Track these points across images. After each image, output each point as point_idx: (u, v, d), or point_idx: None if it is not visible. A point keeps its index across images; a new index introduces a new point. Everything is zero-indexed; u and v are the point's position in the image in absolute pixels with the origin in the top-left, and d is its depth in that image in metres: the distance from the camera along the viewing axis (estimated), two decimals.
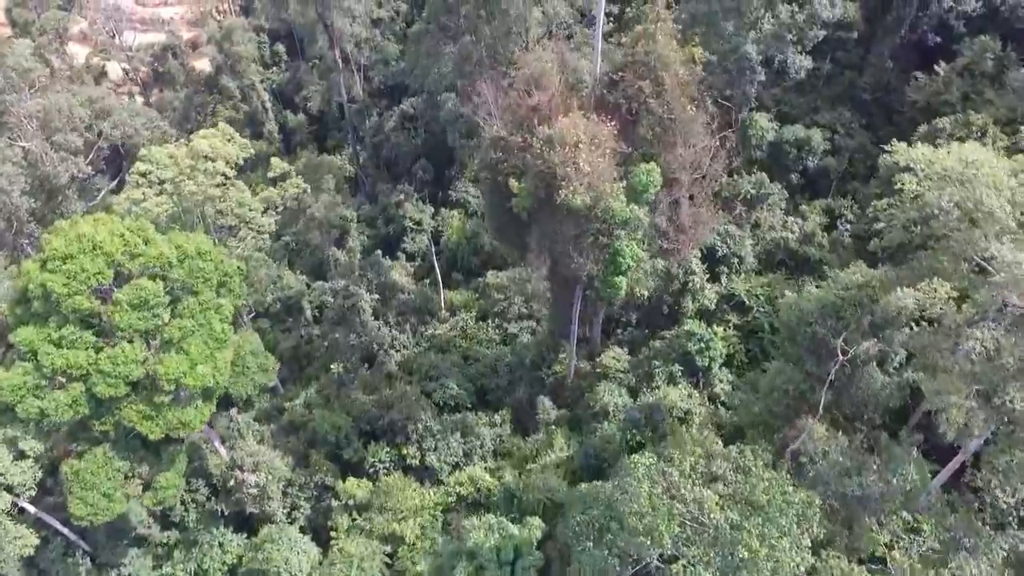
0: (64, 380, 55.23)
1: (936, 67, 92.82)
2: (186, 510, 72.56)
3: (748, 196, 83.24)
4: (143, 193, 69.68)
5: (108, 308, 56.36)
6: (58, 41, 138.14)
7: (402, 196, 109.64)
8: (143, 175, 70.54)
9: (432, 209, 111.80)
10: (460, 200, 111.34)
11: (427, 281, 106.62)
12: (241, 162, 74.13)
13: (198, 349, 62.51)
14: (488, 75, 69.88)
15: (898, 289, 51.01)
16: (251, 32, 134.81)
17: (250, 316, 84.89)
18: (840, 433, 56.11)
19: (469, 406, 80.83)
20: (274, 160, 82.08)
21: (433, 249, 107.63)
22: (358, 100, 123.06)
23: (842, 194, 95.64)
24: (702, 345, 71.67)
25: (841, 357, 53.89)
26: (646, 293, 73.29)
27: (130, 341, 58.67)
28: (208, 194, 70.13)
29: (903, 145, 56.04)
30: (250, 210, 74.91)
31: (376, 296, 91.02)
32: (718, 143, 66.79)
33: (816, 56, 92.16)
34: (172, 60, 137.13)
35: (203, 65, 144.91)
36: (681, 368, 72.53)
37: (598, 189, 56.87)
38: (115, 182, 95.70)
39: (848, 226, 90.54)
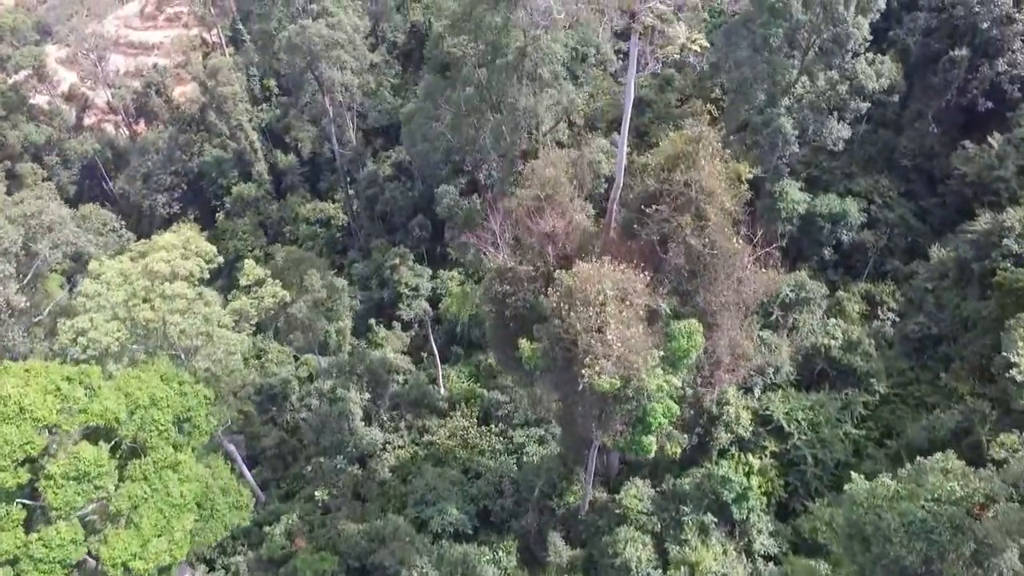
0: None
1: (989, 138, 79.71)
2: None
3: (787, 299, 70.22)
4: (90, 320, 56.82)
5: (41, 480, 45.07)
6: (36, 77, 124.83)
7: (397, 260, 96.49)
8: (91, 297, 57.66)
9: (430, 271, 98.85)
10: (460, 259, 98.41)
11: (424, 354, 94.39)
12: (207, 276, 61.16)
13: (151, 520, 50.88)
14: (492, 187, 56.91)
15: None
16: (238, 72, 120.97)
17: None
18: None
19: (470, 531, 68.38)
20: (247, 264, 69.21)
21: (431, 317, 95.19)
22: (351, 146, 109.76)
23: (881, 274, 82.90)
24: (738, 493, 59.21)
25: None
26: (678, 451, 60.56)
27: (67, 518, 47.09)
28: (167, 320, 57.23)
29: None
30: (219, 325, 62.06)
31: (367, 395, 78.04)
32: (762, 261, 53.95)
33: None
34: (155, 97, 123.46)
35: (193, 89, 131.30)
36: (715, 519, 60.03)
37: (629, 365, 44.02)
38: (67, 292, 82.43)
39: (891, 315, 77.80)
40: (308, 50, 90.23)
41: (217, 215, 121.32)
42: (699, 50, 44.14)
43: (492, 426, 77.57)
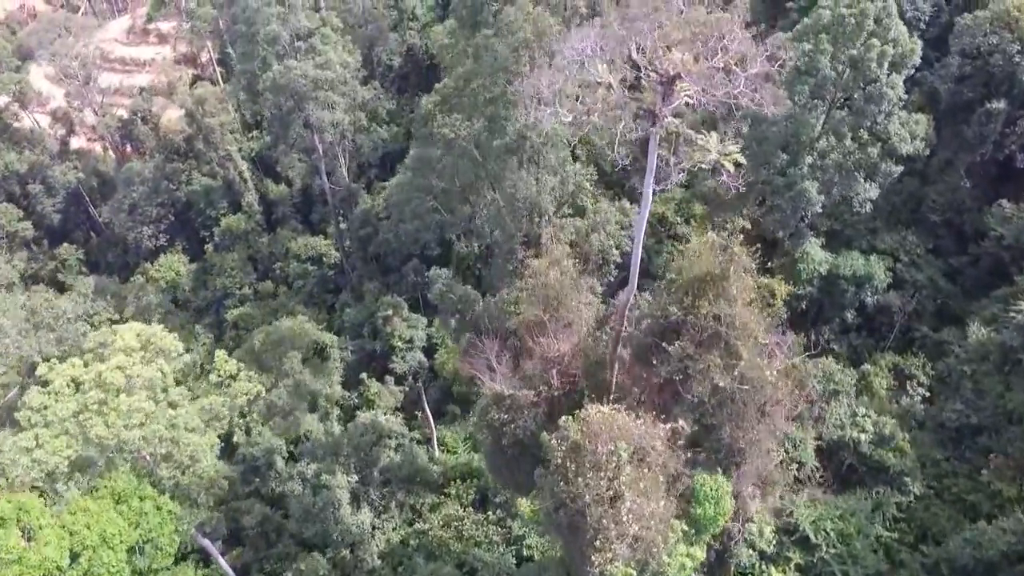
0: None
1: None
2: None
3: (812, 393, 62.08)
4: (36, 437, 48.88)
5: None
6: (17, 103, 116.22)
7: (390, 311, 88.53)
8: (36, 410, 49.68)
9: (425, 320, 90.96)
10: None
11: (418, 413, 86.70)
12: (173, 381, 53.13)
13: None
14: (488, 301, 48.79)
15: None
16: (229, 99, 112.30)
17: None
18: None
19: None
20: (219, 355, 61.23)
21: (426, 369, 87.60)
22: (343, 184, 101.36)
23: (908, 341, 74.81)
24: None
25: None
26: None
27: None
28: (123, 437, 49.27)
29: None
30: (187, 429, 54.12)
31: (355, 477, 70.14)
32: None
33: None
34: (141, 126, 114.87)
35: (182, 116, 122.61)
36: None
37: (647, 545, 36.06)
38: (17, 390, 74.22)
39: (920, 390, 69.84)
40: (294, 90, 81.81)
41: (206, 246, 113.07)
42: (732, 169, 35.75)
43: (490, 512, 69.83)
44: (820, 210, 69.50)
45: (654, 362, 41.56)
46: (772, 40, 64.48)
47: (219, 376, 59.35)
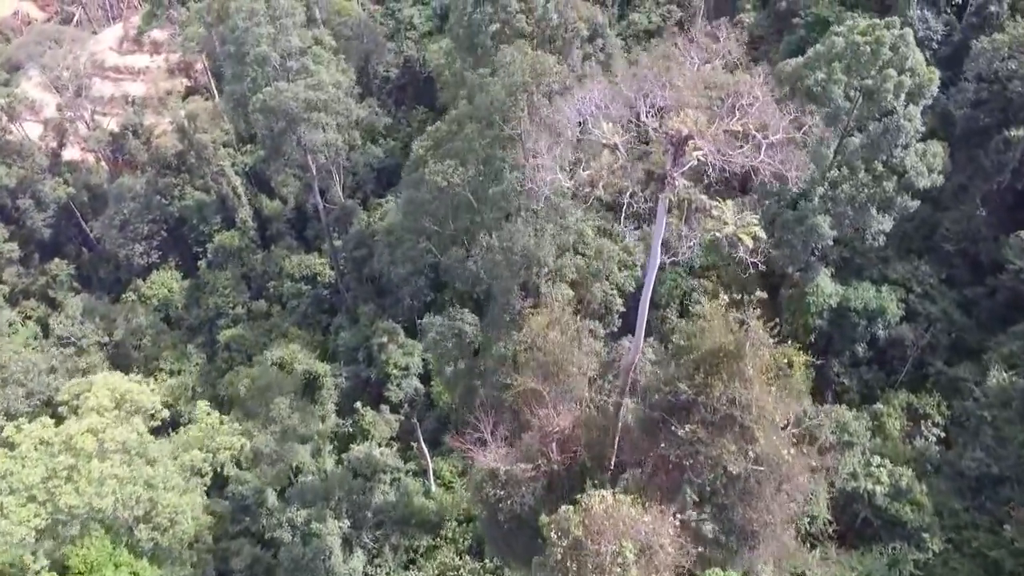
0: None
1: None
2: None
3: (825, 443, 58.26)
4: (0, 506, 45.17)
5: None
6: (6, 117, 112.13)
7: (385, 338, 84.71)
8: (1, 477, 45.98)
9: (422, 346, 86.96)
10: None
11: (414, 444, 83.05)
12: (151, 437, 49.34)
13: None
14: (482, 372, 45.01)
15: None
16: (218, 117, 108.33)
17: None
18: None
19: None
20: (200, 407, 57.51)
21: (422, 395, 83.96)
22: (337, 202, 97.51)
23: (922, 377, 71.13)
24: None
25: None
26: None
27: None
28: (95, 505, 45.55)
29: None
30: (166, 488, 50.40)
31: (347, 522, 66.44)
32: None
33: None
34: (133, 140, 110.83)
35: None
36: None
37: None
38: None
39: (936, 431, 66.17)
40: (285, 112, 77.87)
41: (200, 262, 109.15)
42: (750, 244, 31.91)
43: (487, 561, 66.15)
44: (831, 243, 65.74)
45: (661, 441, 37.81)
46: (781, 68, 60.75)
47: (200, 431, 55.42)
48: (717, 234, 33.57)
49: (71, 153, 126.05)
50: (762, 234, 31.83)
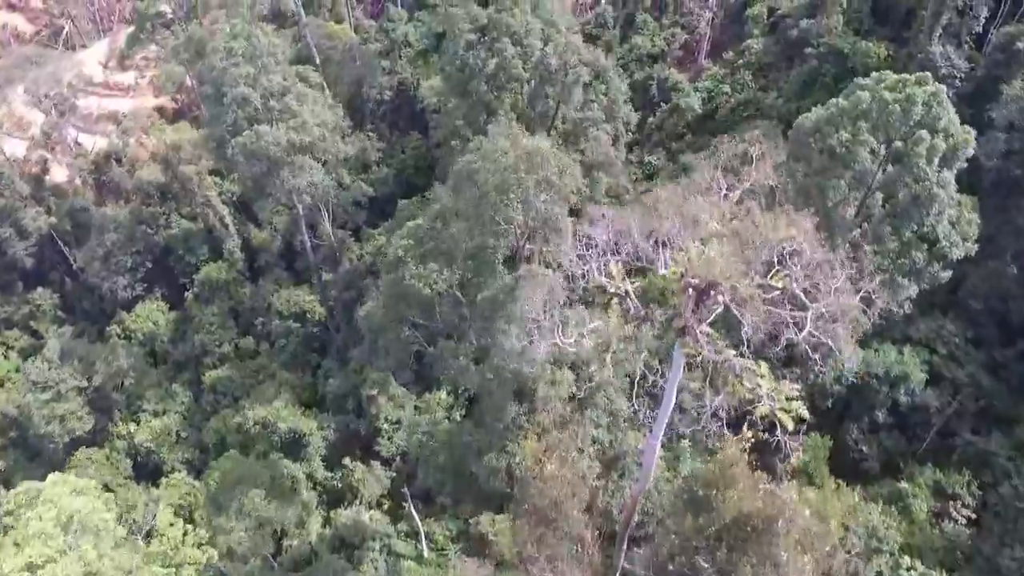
0: None
1: None
2: None
3: (851, 547, 51.98)
4: None
5: None
6: None
7: (375, 390, 78.42)
8: None
9: (414, 396, 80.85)
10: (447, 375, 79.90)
11: (406, 504, 76.72)
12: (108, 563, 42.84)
13: None
14: None
15: None
16: (202, 146, 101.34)
17: None
18: None
19: None
20: (162, 519, 50.75)
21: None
22: (326, 239, 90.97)
23: (948, 447, 64.79)
24: None
25: None
26: None
27: None
28: None
29: None
30: None
31: None
32: None
33: None
34: (116, 168, 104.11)
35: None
36: None
37: None
38: None
39: (965, 512, 59.85)
40: (267, 156, 71.34)
41: (186, 293, 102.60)
42: (791, 426, 25.40)
43: None
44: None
45: None
46: (801, 123, 53.84)
47: (163, 543, 49.02)
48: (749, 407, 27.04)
49: (58, 173, 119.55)
50: (806, 414, 25.23)
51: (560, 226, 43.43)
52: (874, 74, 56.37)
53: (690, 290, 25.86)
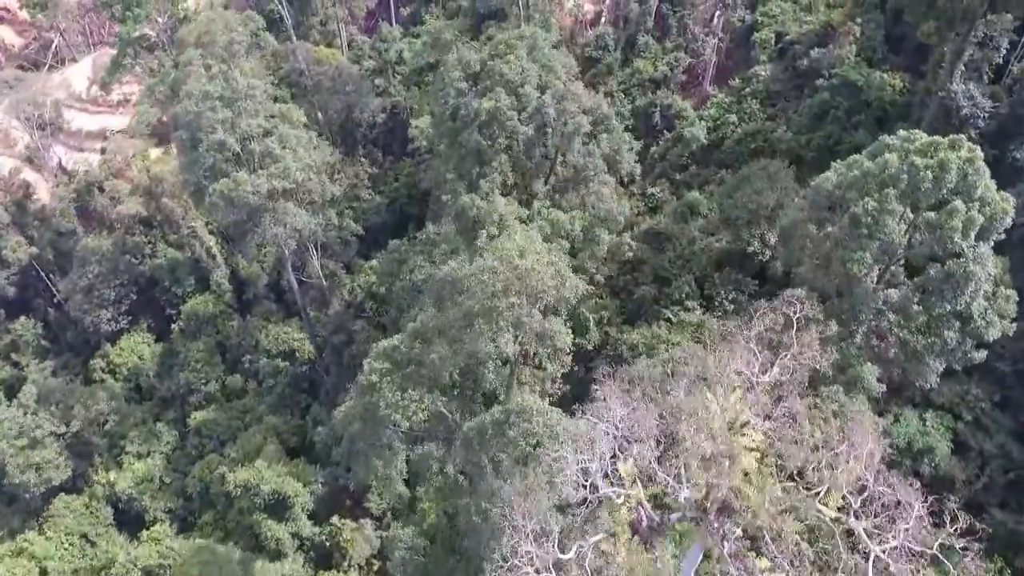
0: None
1: None
2: None
3: None
4: None
5: None
6: None
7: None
8: None
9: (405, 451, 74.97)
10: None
11: None
12: None
13: None
14: None
15: None
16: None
17: None
18: None
19: None
20: None
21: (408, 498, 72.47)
22: (314, 278, 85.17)
23: (975, 526, 58.74)
24: None
25: None
26: None
27: None
28: None
29: None
30: None
31: None
32: None
33: None
34: (98, 196, 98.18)
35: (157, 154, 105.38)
36: None
37: None
38: None
39: None
40: (246, 204, 65.49)
41: (173, 326, 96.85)
42: None
43: None
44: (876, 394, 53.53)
45: None
46: (821, 184, 47.86)
47: None
48: None
49: (42, 190, 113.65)
50: None
51: (558, 344, 37.42)
52: (901, 132, 50.30)
53: (713, 514, 20.31)
